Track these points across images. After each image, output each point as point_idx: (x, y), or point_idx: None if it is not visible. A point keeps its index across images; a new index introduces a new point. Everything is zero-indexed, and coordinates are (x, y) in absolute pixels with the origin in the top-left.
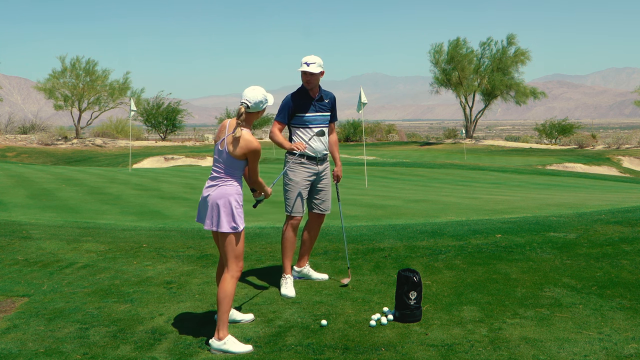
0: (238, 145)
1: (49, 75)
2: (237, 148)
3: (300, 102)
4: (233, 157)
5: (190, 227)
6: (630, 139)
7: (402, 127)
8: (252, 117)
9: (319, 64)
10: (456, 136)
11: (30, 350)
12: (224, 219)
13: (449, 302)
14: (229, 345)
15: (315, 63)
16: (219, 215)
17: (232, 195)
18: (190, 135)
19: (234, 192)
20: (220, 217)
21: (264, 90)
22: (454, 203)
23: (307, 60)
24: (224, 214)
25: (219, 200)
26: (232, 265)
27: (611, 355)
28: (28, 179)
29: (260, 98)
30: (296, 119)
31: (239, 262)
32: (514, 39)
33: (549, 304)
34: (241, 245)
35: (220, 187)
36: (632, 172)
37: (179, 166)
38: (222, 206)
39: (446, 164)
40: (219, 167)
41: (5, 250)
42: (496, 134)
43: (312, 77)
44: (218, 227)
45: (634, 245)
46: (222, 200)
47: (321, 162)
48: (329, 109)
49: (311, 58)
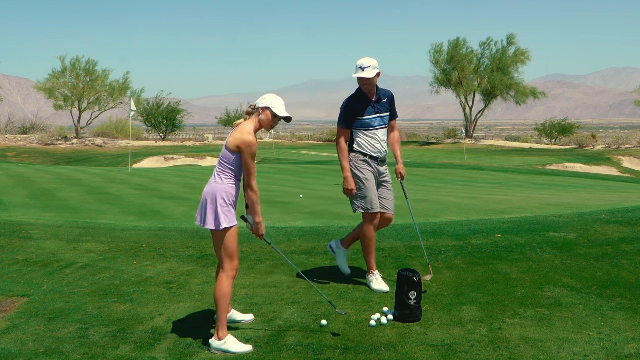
0: (233, 136)
1: (49, 75)
2: (231, 138)
3: (359, 105)
4: (227, 148)
5: (190, 227)
6: (630, 139)
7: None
8: (257, 118)
9: (373, 66)
10: (456, 136)
11: (30, 350)
12: (209, 216)
13: (449, 302)
14: (229, 345)
15: (370, 66)
16: (206, 211)
17: (219, 192)
18: (190, 135)
19: (222, 189)
20: (206, 214)
21: (280, 100)
22: (454, 203)
23: (361, 64)
24: (209, 211)
25: (207, 196)
26: (227, 264)
27: (611, 355)
28: (28, 179)
29: (266, 100)
30: (357, 122)
31: (232, 260)
32: (514, 39)
33: (549, 304)
34: (232, 244)
35: (212, 184)
36: (632, 172)
37: (179, 166)
38: (209, 203)
39: (446, 164)
40: (218, 163)
41: (5, 250)
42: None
43: (369, 81)
44: (204, 224)
45: (634, 245)
46: (210, 196)
47: (382, 162)
48: (387, 109)
49: (366, 61)
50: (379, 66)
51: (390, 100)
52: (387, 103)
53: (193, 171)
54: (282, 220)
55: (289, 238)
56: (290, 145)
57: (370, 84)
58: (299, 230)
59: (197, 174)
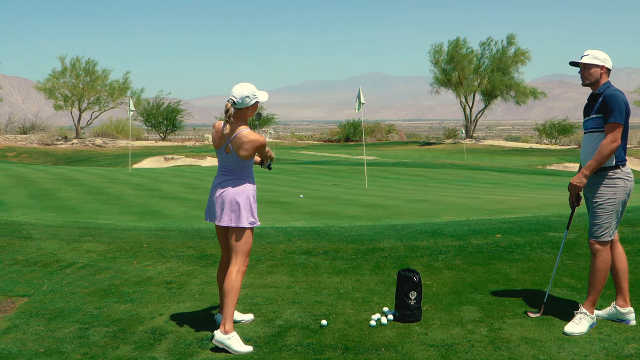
0: (243, 148)
1: (49, 75)
2: (243, 150)
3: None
4: (242, 158)
5: (190, 227)
6: (630, 139)
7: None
8: (241, 114)
9: (592, 55)
10: (456, 136)
11: (30, 350)
12: (244, 215)
13: (449, 302)
14: (232, 341)
15: (588, 55)
16: (240, 211)
17: (250, 192)
18: (190, 135)
19: (251, 188)
20: (240, 213)
21: (253, 86)
22: (454, 203)
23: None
24: (244, 210)
25: (238, 196)
26: (240, 260)
27: (611, 355)
28: (28, 179)
29: (247, 93)
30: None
31: (247, 257)
32: (514, 39)
33: (549, 304)
34: (252, 241)
35: (237, 185)
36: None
37: (179, 166)
38: (242, 201)
39: (446, 164)
40: (229, 166)
41: (5, 250)
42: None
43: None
44: (238, 223)
45: (634, 245)
46: (242, 196)
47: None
48: (597, 110)
49: (589, 50)
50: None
51: (603, 101)
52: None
53: (193, 171)
54: (282, 220)
55: (289, 238)
56: (290, 145)
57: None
58: (299, 230)
59: (197, 174)
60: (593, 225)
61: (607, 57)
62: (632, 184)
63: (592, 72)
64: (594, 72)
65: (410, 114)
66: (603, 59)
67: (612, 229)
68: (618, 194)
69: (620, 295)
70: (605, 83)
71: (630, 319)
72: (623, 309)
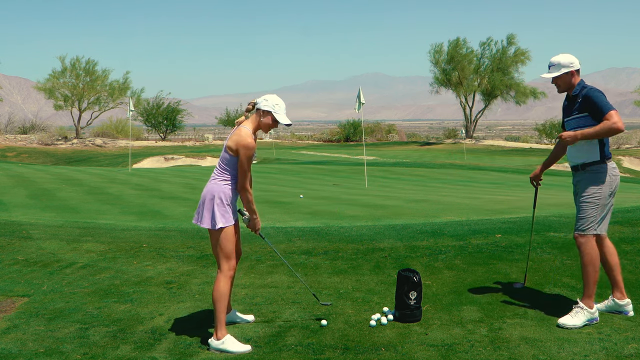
0: (231, 139)
1: (49, 75)
2: (230, 141)
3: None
4: (226, 150)
5: (190, 227)
6: (630, 139)
7: (402, 127)
8: (257, 119)
9: (558, 65)
10: (456, 136)
11: (30, 350)
12: (206, 215)
13: (449, 302)
14: (227, 344)
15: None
16: (203, 210)
17: (217, 192)
18: (190, 135)
19: (220, 189)
20: (203, 213)
21: (282, 105)
22: (454, 203)
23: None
24: (206, 210)
25: (206, 195)
26: (223, 264)
27: (611, 355)
28: (28, 179)
29: (269, 103)
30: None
31: (229, 260)
32: (514, 39)
33: (549, 304)
34: (229, 243)
35: (210, 184)
36: (632, 172)
37: (179, 166)
38: (207, 202)
39: (446, 164)
40: (218, 164)
41: (5, 250)
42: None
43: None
44: (200, 222)
45: (634, 245)
46: (208, 196)
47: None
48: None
49: (553, 58)
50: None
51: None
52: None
53: (193, 171)
54: (282, 220)
55: (289, 238)
56: (290, 145)
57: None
58: (299, 230)
59: (197, 174)
60: (579, 219)
61: (572, 59)
62: (617, 179)
63: (563, 80)
64: (564, 79)
65: (410, 114)
66: (569, 64)
67: (596, 223)
68: (604, 188)
69: (617, 288)
70: (579, 83)
71: (629, 310)
72: (621, 301)
